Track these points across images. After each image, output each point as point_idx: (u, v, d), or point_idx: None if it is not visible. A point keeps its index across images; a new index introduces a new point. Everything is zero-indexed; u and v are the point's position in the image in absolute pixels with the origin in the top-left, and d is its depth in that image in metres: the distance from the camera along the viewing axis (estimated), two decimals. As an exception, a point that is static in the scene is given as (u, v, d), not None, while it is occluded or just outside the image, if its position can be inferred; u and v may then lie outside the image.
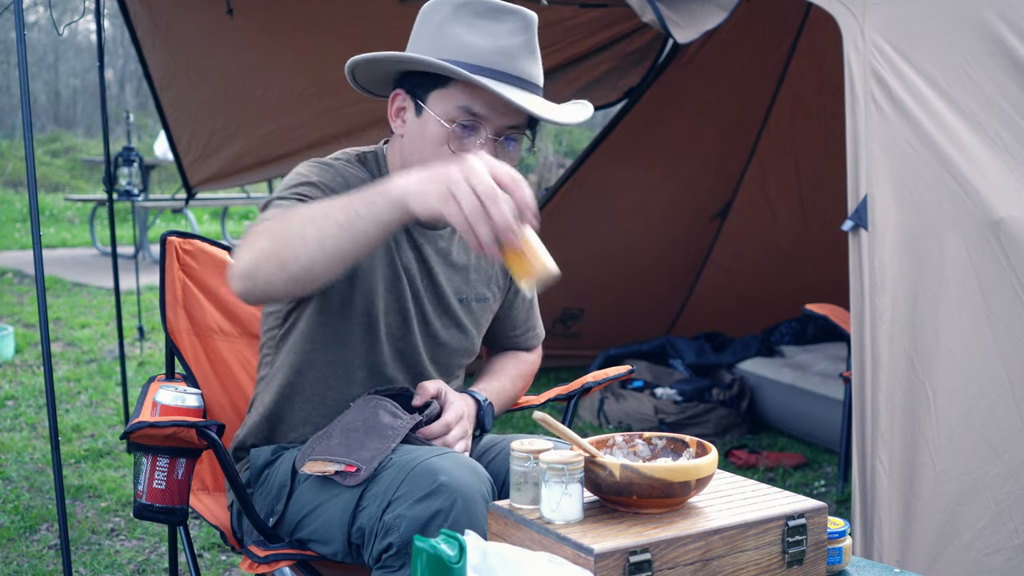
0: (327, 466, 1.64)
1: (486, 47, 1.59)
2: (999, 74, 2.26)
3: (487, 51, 1.59)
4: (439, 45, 1.61)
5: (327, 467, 1.64)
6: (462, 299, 1.83)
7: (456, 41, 1.60)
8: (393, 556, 1.54)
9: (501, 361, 2.00)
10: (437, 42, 1.61)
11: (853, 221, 2.24)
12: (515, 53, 1.60)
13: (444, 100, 1.62)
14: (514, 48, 1.60)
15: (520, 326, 2.00)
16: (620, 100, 4.73)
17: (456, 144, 1.63)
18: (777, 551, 1.42)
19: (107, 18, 13.36)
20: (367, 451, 1.64)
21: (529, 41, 1.62)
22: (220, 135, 4.42)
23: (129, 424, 1.67)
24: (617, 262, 4.98)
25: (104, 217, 9.43)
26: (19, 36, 2.40)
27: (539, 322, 2.05)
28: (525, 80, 1.62)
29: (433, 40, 1.62)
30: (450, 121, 1.62)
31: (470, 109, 1.61)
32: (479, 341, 1.91)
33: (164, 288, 2.06)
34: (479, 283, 1.86)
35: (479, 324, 1.88)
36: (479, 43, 1.59)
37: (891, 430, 2.18)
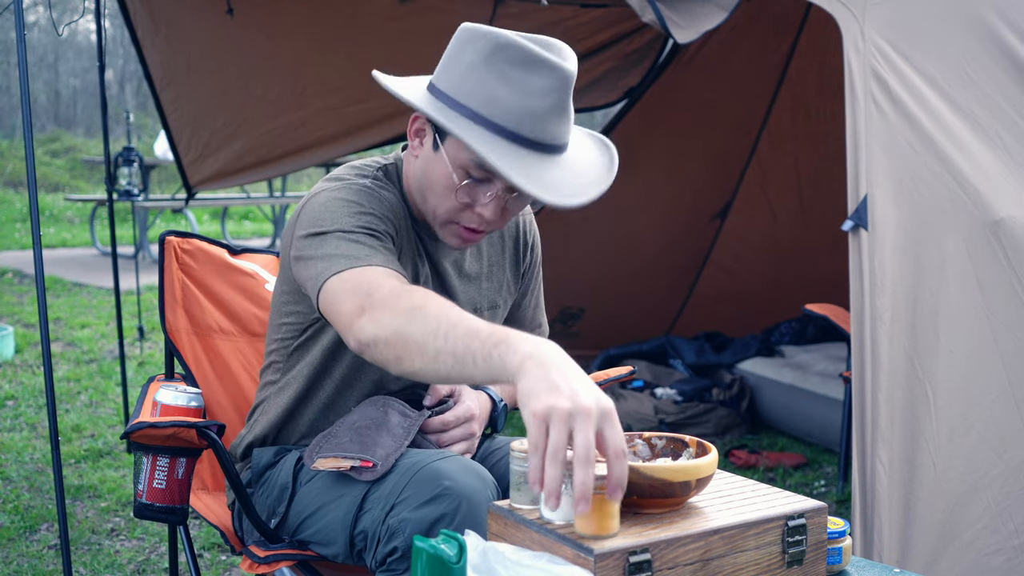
0: (341, 462, 1.63)
1: (515, 106, 1.50)
2: (999, 74, 2.26)
3: (515, 111, 1.50)
4: (467, 91, 1.52)
5: (341, 463, 1.63)
6: (476, 308, 1.82)
7: (485, 91, 1.51)
8: (398, 560, 1.53)
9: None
10: (465, 85, 1.53)
11: (853, 221, 2.24)
12: (543, 115, 1.51)
13: (460, 149, 1.56)
14: (544, 110, 1.51)
15: (527, 324, 1.99)
16: (620, 100, 4.73)
17: (464, 195, 1.60)
18: (777, 551, 1.42)
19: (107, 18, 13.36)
20: (381, 448, 1.64)
21: (561, 100, 1.52)
22: (220, 135, 4.42)
23: (129, 424, 1.67)
24: (617, 262, 4.98)
25: (104, 217, 9.44)
26: (19, 36, 2.40)
27: (544, 319, 2.05)
28: (544, 143, 1.54)
29: (463, 82, 1.53)
30: (462, 171, 1.58)
31: (483, 166, 1.55)
32: None
33: (163, 288, 2.05)
34: (491, 291, 1.86)
35: None
36: (507, 100, 1.50)
37: (891, 430, 2.18)
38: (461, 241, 1.67)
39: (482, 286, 1.84)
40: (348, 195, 1.61)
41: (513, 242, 1.91)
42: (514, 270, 1.91)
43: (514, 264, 1.91)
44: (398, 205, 1.68)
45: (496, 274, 1.87)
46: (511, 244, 1.90)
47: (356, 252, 1.50)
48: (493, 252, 1.87)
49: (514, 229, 1.91)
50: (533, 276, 1.97)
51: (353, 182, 1.66)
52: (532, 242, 1.94)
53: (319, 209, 1.60)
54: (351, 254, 1.50)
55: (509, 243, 1.90)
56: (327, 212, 1.58)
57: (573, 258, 4.78)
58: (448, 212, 1.63)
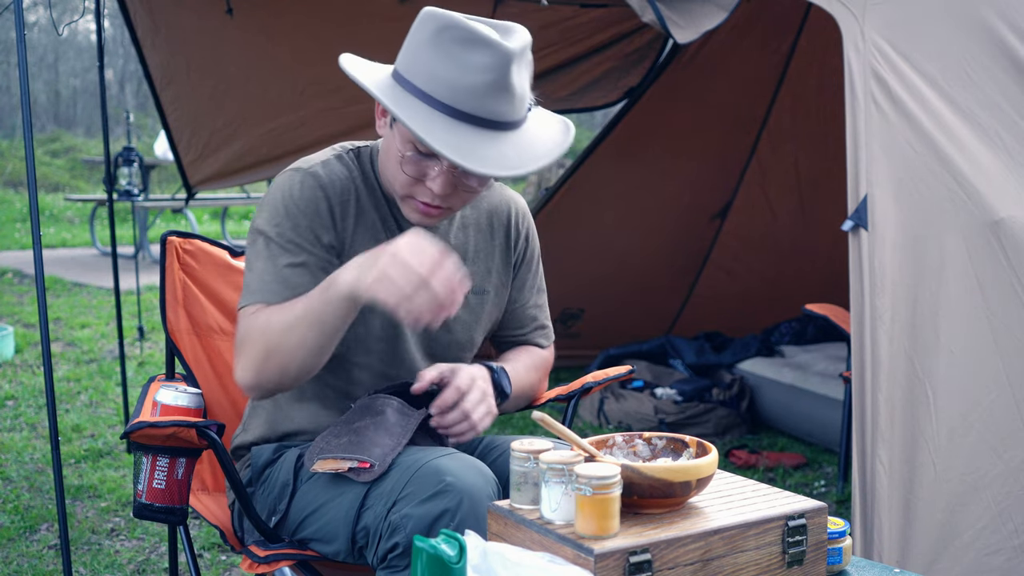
0: (340, 463, 1.64)
1: (450, 82, 1.56)
2: (999, 74, 2.26)
3: (452, 86, 1.56)
4: (413, 68, 1.60)
5: (340, 464, 1.63)
6: None
7: (428, 69, 1.58)
8: (399, 556, 1.54)
9: (512, 352, 1.97)
10: (413, 64, 1.61)
11: (853, 221, 2.24)
12: (483, 92, 1.56)
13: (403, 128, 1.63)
14: (482, 87, 1.56)
15: (528, 324, 1.98)
16: (620, 100, 4.73)
17: (411, 169, 1.65)
18: (777, 551, 1.42)
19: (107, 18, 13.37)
20: (379, 448, 1.64)
21: (500, 78, 1.56)
22: (220, 134, 4.42)
23: (129, 424, 1.67)
24: (617, 262, 4.98)
25: (104, 217, 9.43)
26: (19, 36, 2.40)
27: (549, 321, 2.03)
28: (484, 119, 1.58)
29: (411, 61, 1.61)
30: (408, 144, 1.63)
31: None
32: (479, 336, 1.90)
33: (164, 288, 2.06)
34: (477, 276, 1.85)
35: (478, 318, 1.87)
36: (446, 76, 1.56)
37: (891, 430, 2.18)
38: (421, 216, 1.71)
39: (466, 269, 1.84)
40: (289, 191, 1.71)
41: (504, 230, 1.90)
42: (504, 258, 1.90)
43: (504, 252, 1.90)
44: (348, 186, 1.73)
45: (483, 259, 1.87)
46: (502, 232, 1.90)
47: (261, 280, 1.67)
48: (481, 238, 1.87)
49: (505, 218, 1.90)
50: (529, 271, 1.96)
51: (301, 167, 1.73)
52: (525, 233, 1.94)
53: (267, 202, 1.73)
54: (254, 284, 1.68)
55: (500, 231, 1.90)
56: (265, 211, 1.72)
57: (573, 258, 4.78)
58: (402, 186, 1.68)
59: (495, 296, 1.90)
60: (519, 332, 1.98)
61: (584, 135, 14.43)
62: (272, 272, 1.67)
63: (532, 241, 1.96)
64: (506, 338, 1.99)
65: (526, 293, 1.96)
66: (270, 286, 1.66)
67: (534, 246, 1.97)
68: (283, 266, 1.67)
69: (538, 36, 3.87)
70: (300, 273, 1.67)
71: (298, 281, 1.66)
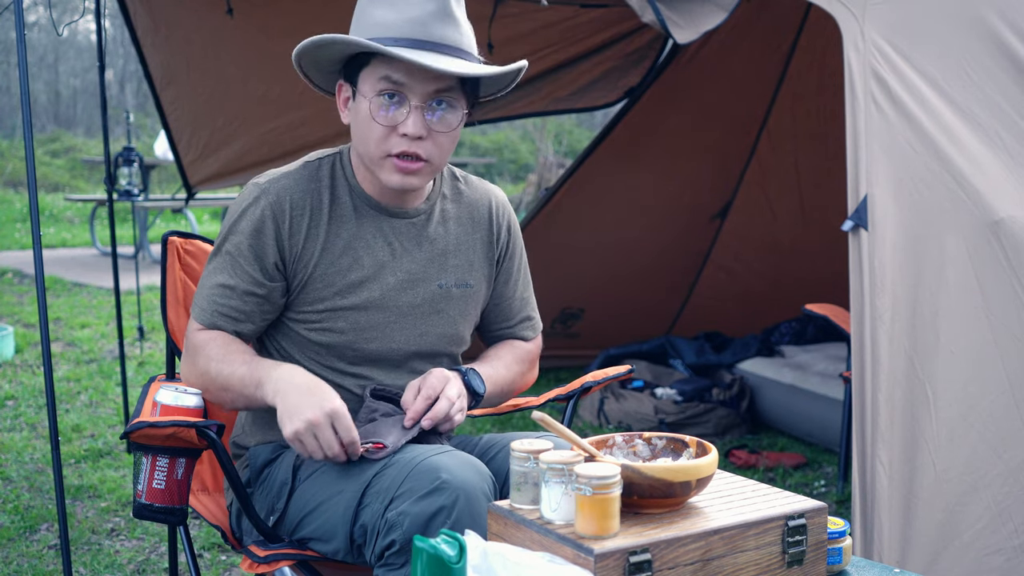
0: None
1: (398, 19, 1.67)
2: (999, 74, 2.26)
3: (398, 22, 1.67)
4: (362, 27, 1.71)
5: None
6: (442, 286, 1.84)
7: (373, 19, 1.69)
8: (396, 553, 1.54)
9: (494, 349, 2.00)
10: (360, 24, 1.72)
11: (853, 221, 2.24)
12: (428, 20, 1.67)
13: (369, 76, 1.71)
14: (426, 16, 1.67)
15: (514, 317, 2.00)
16: (620, 100, 4.73)
17: (383, 116, 1.70)
18: (777, 551, 1.42)
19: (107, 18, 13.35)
20: (392, 435, 1.67)
21: (441, 7, 1.68)
22: (220, 134, 4.42)
23: (129, 424, 1.67)
24: (617, 262, 4.98)
25: (104, 217, 9.44)
26: (19, 36, 2.40)
27: (536, 313, 2.05)
28: (440, 44, 1.68)
29: (358, 23, 1.72)
30: (375, 96, 1.69)
31: (390, 77, 1.68)
32: (466, 329, 1.91)
33: (165, 288, 2.06)
34: (460, 269, 1.87)
35: (464, 311, 1.88)
36: (391, 16, 1.67)
37: (891, 430, 2.18)
38: (401, 175, 1.73)
39: (448, 262, 1.85)
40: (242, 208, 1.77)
41: (485, 223, 1.92)
42: (486, 251, 1.91)
43: (487, 245, 1.91)
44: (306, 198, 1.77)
45: (465, 252, 1.88)
46: (484, 225, 1.91)
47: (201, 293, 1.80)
48: (462, 231, 1.88)
49: (485, 211, 1.92)
50: (514, 265, 1.97)
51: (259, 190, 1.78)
52: (507, 225, 1.95)
53: (230, 208, 1.81)
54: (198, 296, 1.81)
55: (481, 224, 1.91)
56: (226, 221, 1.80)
57: (573, 258, 4.78)
58: (377, 143, 1.71)
59: (478, 289, 1.90)
60: (505, 325, 2.00)
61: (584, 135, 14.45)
62: (208, 288, 1.79)
63: (514, 233, 1.97)
64: (493, 331, 2.00)
65: (511, 286, 1.97)
66: (208, 306, 1.78)
67: (516, 238, 1.98)
68: (216, 284, 1.77)
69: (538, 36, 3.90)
70: (228, 295, 1.76)
71: (231, 305, 1.76)
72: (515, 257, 1.97)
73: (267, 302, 1.77)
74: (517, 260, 1.98)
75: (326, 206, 1.78)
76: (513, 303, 1.98)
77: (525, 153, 15.58)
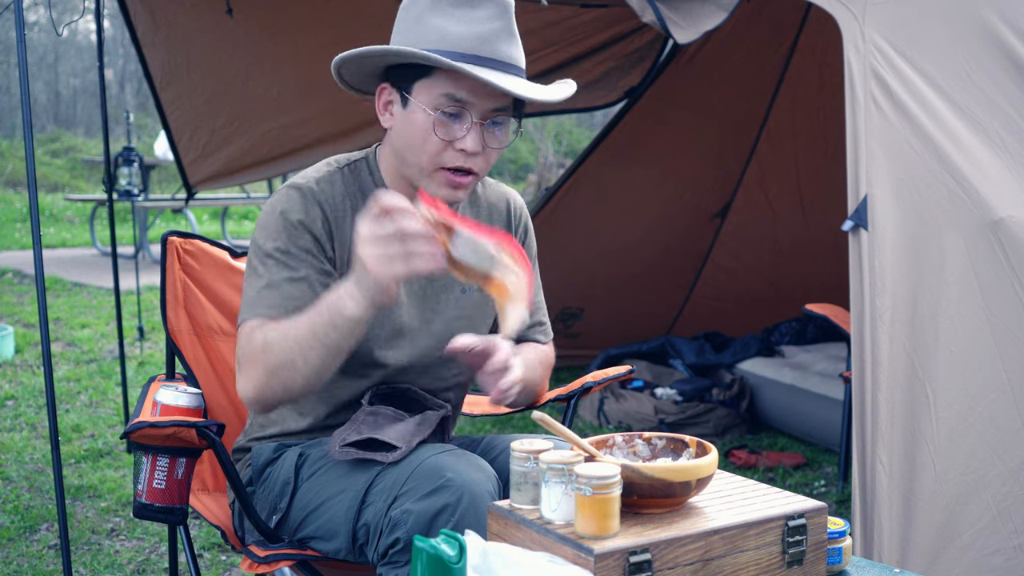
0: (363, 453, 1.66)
1: (465, 34, 1.62)
2: (999, 74, 2.26)
3: (466, 38, 1.62)
4: (420, 36, 1.64)
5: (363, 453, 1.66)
6: (464, 290, 1.83)
7: (436, 31, 1.63)
8: (400, 552, 1.54)
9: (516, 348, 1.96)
10: (418, 33, 1.65)
11: (853, 221, 2.24)
12: (493, 38, 1.64)
13: (428, 89, 1.65)
14: (492, 33, 1.64)
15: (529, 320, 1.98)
16: (620, 100, 4.73)
17: (442, 131, 1.66)
18: (777, 551, 1.42)
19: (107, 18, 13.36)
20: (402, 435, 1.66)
21: (507, 26, 1.65)
22: (220, 134, 4.42)
23: (129, 424, 1.67)
24: (617, 262, 4.98)
25: (104, 217, 9.44)
26: (19, 36, 2.41)
27: (547, 319, 2.03)
28: (505, 63, 1.65)
29: (414, 31, 1.66)
30: (435, 109, 1.65)
31: (454, 96, 1.64)
32: (486, 332, 1.90)
33: (165, 288, 2.06)
34: None
35: (485, 313, 1.88)
36: (458, 31, 1.62)
37: (891, 430, 2.18)
38: (451, 188, 1.70)
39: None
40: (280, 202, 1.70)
41: (504, 224, 1.91)
42: None
43: None
44: (343, 202, 1.73)
45: None
46: (502, 226, 1.90)
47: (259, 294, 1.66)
48: None
49: (504, 214, 1.91)
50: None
51: (297, 184, 1.72)
52: (524, 227, 1.94)
53: (262, 219, 1.72)
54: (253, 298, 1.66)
55: (499, 225, 1.90)
56: (265, 228, 1.70)
57: (573, 258, 4.78)
58: (431, 157, 1.67)
59: None
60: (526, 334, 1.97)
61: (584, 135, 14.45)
62: (271, 287, 1.66)
63: (530, 237, 1.96)
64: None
65: None
66: (268, 300, 1.65)
67: (532, 242, 1.97)
68: (282, 280, 1.66)
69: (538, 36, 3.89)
70: (300, 287, 1.66)
71: (298, 295, 1.65)
72: (530, 260, 1.96)
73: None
74: (532, 264, 1.97)
75: (354, 214, 1.74)
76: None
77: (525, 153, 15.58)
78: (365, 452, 1.65)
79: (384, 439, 1.64)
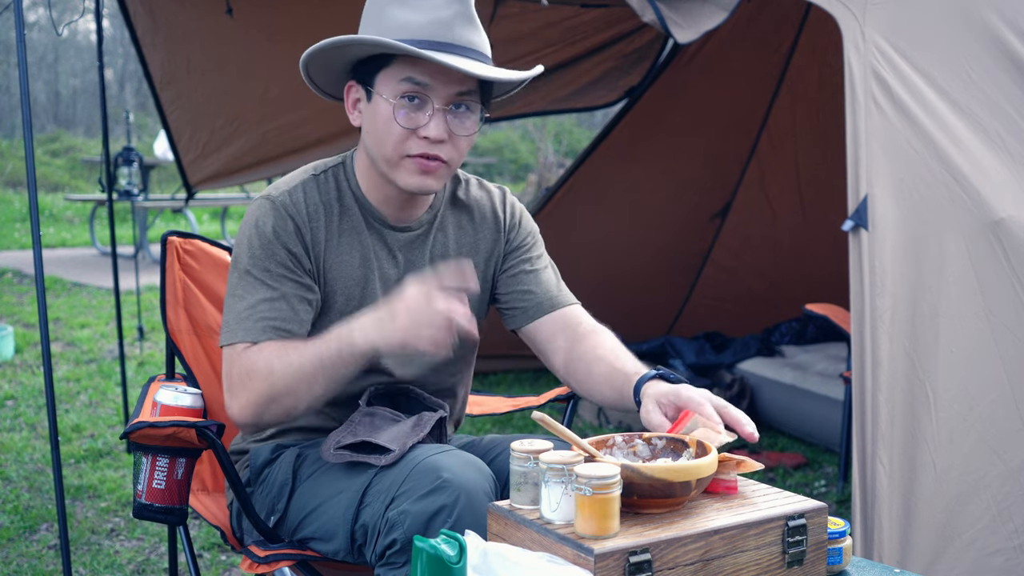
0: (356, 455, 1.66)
1: (421, 21, 1.64)
2: (1000, 75, 2.26)
3: (422, 24, 1.64)
4: (381, 28, 1.66)
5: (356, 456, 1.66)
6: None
7: (394, 20, 1.65)
8: (397, 552, 1.54)
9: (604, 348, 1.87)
10: (379, 25, 1.67)
11: (853, 221, 2.24)
12: (450, 22, 1.65)
13: (389, 78, 1.67)
14: (448, 18, 1.65)
15: (555, 285, 1.93)
16: (620, 100, 4.73)
17: (405, 118, 1.67)
18: (777, 551, 1.42)
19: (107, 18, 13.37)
20: (396, 437, 1.66)
21: (463, 11, 1.67)
22: (220, 134, 4.42)
23: (129, 424, 1.67)
24: (617, 262, 4.98)
25: (104, 217, 9.44)
26: (19, 36, 2.40)
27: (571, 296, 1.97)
28: (463, 47, 1.66)
29: (375, 25, 1.68)
30: (396, 96, 1.66)
31: (413, 79, 1.65)
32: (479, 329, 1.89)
33: (165, 288, 2.06)
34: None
35: (478, 312, 1.87)
36: (414, 18, 1.64)
37: (891, 430, 2.18)
38: (420, 176, 1.70)
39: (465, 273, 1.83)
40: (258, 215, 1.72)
41: (492, 222, 1.89)
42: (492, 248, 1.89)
43: (492, 243, 1.89)
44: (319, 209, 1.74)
45: (468, 256, 1.85)
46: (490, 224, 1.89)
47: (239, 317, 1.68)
48: (463, 234, 1.87)
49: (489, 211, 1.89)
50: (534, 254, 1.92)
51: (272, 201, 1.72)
52: (516, 215, 1.92)
53: (241, 233, 1.73)
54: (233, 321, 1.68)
55: (486, 224, 1.88)
56: (241, 244, 1.72)
57: (573, 258, 4.77)
58: (395, 145, 1.68)
59: (485, 289, 1.89)
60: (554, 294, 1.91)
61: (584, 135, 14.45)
62: (250, 309, 1.67)
63: (527, 226, 1.93)
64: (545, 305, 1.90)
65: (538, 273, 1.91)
66: (248, 324, 1.67)
67: (532, 229, 1.94)
68: (260, 301, 1.67)
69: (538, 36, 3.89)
70: (278, 306, 1.68)
71: (276, 315, 1.67)
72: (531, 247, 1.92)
73: (309, 307, 1.72)
74: (537, 250, 1.93)
75: (336, 217, 1.75)
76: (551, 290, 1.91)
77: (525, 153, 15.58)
78: (358, 455, 1.65)
79: (378, 442, 1.64)
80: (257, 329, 1.66)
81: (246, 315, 1.67)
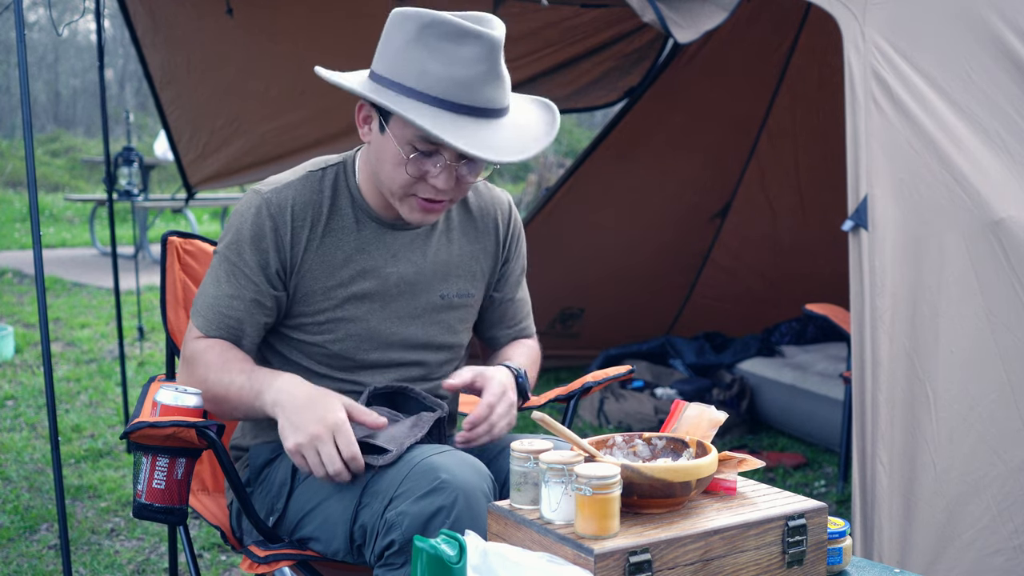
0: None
1: (443, 76, 1.58)
2: (1000, 74, 2.26)
3: (444, 81, 1.58)
4: (400, 69, 1.61)
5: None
6: (443, 296, 1.83)
7: (416, 67, 1.59)
8: (395, 553, 1.54)
9: (511, 349, 1.97)
10: (399, 65, 1.61)
11: (853, 221, 2.24)
12: (474, 83, 1.59)
13: (404, 126, 1.63)
14: (473, 78, 1.59)
15: (521, 318, 1.99)
16: (620, 100, 4.73)
17: (414, 169, 1.65)
18: (777, 551, 1.42)
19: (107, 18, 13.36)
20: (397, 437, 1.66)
21: (492, 67, 1.60)
22: (220, 134, 4.42)
23: (129, 424, 1.67)
24: (617, 262, 4.98)
25: (104, 217, 9.44)
26: (19, 36, 2.41)
27: (530, 321, 2.04)
28: (482, 108, 1.61)
29: (395, 62, 1.62)
30: (408, 146, 1.63)
31: (427, 138, 1.61)
32: (466, 336, 1.91)
33: (165, 288, 2.06)
34: (463, 280, 1.86)
35: (464, 318, 1.88)
36: (438, 71, 1.58)
37: (891, 430, 2.18)
38: (422, 214, 1.71)
39: (451, 273, 1.84)
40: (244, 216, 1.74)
41: (492, 232, 1.90)
42: (492, 259, 1.91)
43: (492, 255, 1.91)
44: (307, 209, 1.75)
45: (468, 263, 1.87)
46: (491, 234, 1.90)
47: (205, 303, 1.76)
48: (466, 241, 1.87)
49: (492, 221, 1.90)
50: (518, 264, 1.96)
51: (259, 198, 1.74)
52: (515, 230, 1.94)
53: (233, 217, 1.77)
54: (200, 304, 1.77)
55: (488, 233, 1.90)
56: (230, 229, 1.76)
57: (573, 258, 4.78)
58: (402, 186, 1.68)
59: (479, 296, 1.91)
60: (514, 325, 1.99)
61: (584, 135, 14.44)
62: (214, 298, 1.75)
63: (521, 241, 1.97)
64: (500, 332, 1.99)
65: (511, 287, 1.96)
66: (209, 315, 1.75)
67: (522, 242, 1.97)
68: (225, 296, 1.74)
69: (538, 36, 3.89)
70: (236, 307, 1.74)
71: (232, 315, 1.74)
72: (521, 258, 1.97)
73: (269, 312, 1.76)
74: (523, 261, 1.98)
75: (324, 217, 1.76)
76: (515, 304, 1.98)
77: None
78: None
79: (375, 443, 1.64)
80: (213, 324, 1.75)
81: (211, 303, 1.75)
